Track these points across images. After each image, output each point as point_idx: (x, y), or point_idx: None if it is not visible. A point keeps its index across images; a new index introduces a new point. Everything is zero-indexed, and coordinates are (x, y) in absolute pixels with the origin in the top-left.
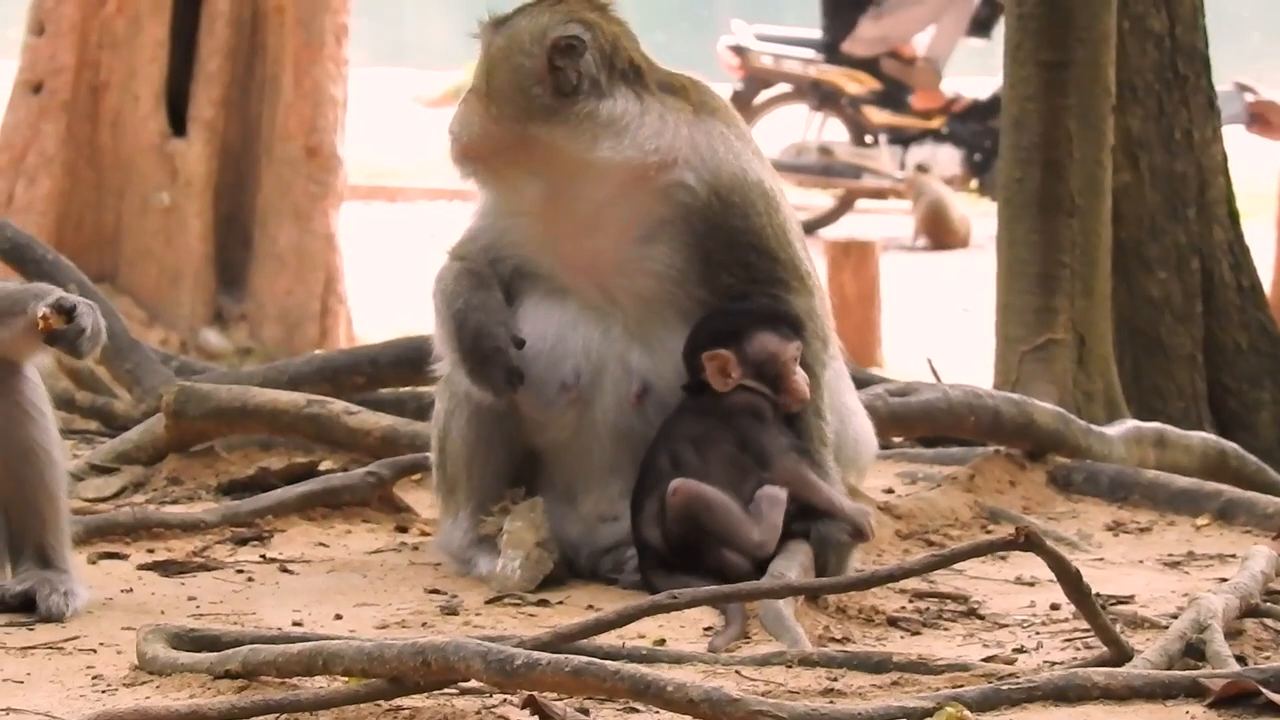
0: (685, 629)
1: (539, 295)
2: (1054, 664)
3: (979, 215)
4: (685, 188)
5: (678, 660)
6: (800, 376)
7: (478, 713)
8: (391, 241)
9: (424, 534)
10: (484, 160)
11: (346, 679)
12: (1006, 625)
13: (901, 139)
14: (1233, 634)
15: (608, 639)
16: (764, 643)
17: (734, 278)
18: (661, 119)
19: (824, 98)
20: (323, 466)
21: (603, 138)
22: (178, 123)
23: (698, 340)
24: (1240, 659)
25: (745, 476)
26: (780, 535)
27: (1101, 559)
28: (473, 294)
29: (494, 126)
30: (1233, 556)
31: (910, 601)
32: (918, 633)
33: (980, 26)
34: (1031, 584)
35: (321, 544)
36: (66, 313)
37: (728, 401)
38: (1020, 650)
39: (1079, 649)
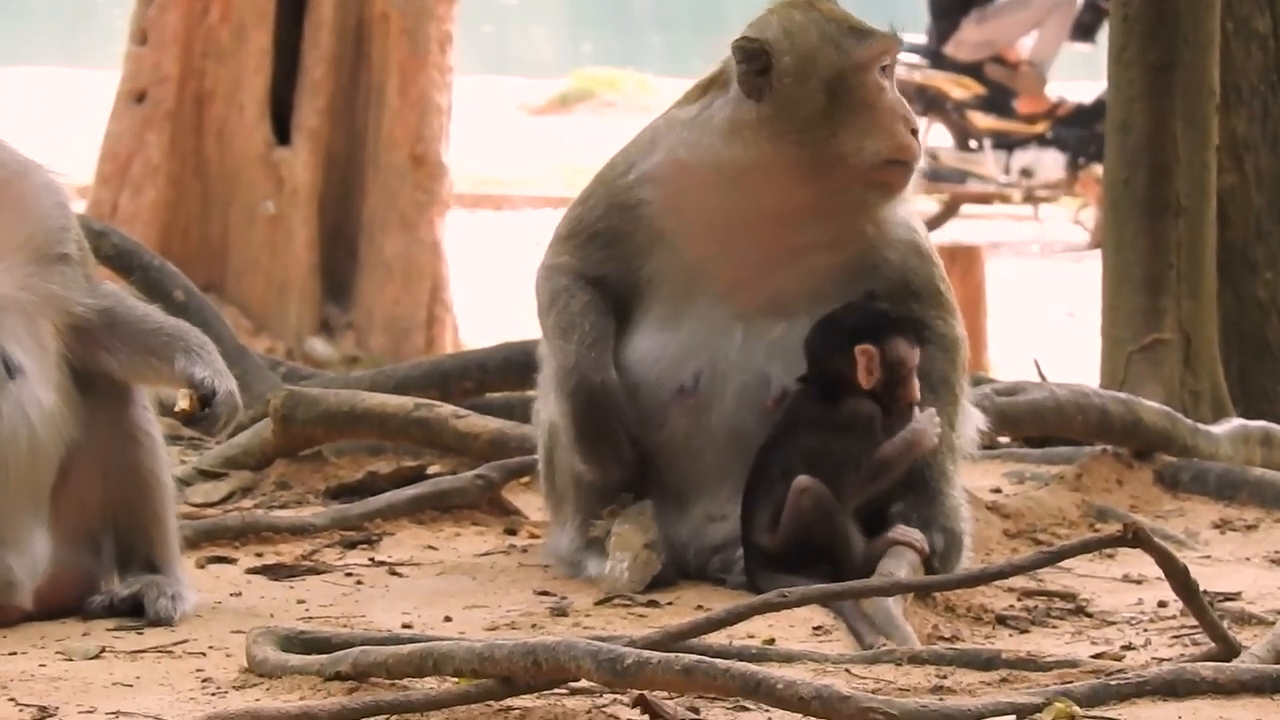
0: (795, 628)
1: (666, 294)
2: (1162, 660)
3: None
4: (888, 263)
5: (787, 659)
6: (916, 384)
7: (588, 712)
8: (497, 249)
9: (533, 536)
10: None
11: (457, 680)
12: (1114, 622)
13: (1006, 144)
14: None
15: (717, 638)
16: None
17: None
18: None
19: (929, 103)
20: (431, 470)
21: None
22: (283, 132)
23: (839, 336)
24: None
25: (846, 491)
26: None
27: (1208, 556)
28: (584, 354)
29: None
30: None
31: (1018, 600)
32: (1026, 630)
33: (1084, 31)
34: (1139, 582)
35: (430, 547)
36: (204, 400)
37: (849, 410)
38: (1128, 647)
39: (1186, 645)
